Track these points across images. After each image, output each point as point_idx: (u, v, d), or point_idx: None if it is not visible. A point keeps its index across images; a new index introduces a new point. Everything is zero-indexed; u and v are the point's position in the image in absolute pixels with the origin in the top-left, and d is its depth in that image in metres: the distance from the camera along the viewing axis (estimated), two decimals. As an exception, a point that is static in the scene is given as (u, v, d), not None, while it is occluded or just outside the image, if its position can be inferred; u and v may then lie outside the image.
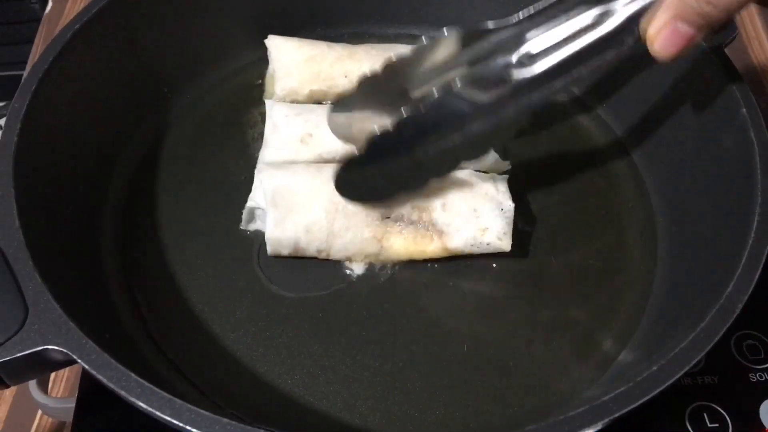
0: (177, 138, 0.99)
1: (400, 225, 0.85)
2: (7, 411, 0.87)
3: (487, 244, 0.85)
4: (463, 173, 0.88)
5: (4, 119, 0.88)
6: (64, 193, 0.81)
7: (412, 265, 0.87)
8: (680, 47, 0.66)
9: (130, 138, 0.96)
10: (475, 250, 0.86)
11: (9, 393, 0.88)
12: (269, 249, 0.85)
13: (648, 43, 0.67)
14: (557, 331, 0.82)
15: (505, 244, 0.85)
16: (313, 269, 0.86)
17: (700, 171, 0.87)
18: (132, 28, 0.94)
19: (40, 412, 0.86)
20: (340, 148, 0.92)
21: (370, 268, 0.87)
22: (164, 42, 0.99)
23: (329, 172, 0.85)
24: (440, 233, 0.85)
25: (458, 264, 0.87)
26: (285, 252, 0.85)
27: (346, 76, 1.00)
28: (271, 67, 1.04)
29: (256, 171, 0.90)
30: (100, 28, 0.89)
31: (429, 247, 0.85)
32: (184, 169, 0.96)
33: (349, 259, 0.86)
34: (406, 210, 0.85)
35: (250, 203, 0.89)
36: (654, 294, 0.85)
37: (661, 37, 0.65)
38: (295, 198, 0.84)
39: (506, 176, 0.90)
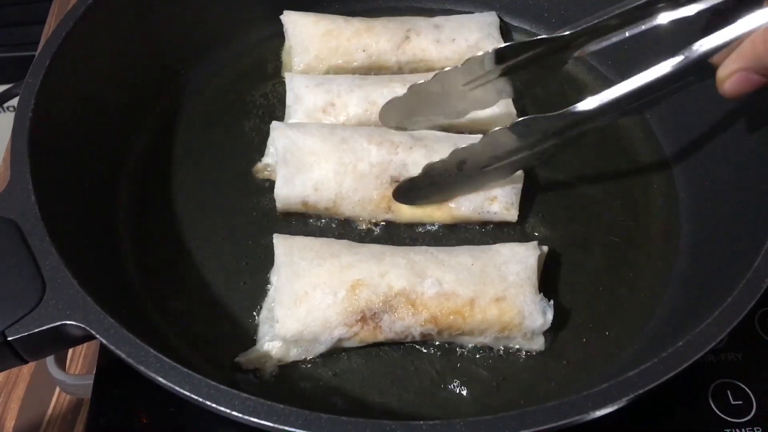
0: (191, 114, 0.99)
1: None
2: (25, 389, 0.87)
3: (494, 213, 0.85)
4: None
5: (15, 99, 0.88)
6: (79, 168, 0.81)
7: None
8: (747, 90, 0.70)
9: (146, 113, 0.96)
10: (482, 217, 0.86)
11: (27, 370, 0.88)
12: (279, 205, 0.86)
13: (717, 82, 0.71)
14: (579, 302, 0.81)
15: (512, 215, 0.86)
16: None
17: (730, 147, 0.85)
18: (145, 3, 0.93)
19: (57, 389, 0.86)
20: (362, 117, 0.91)
21: (378, 226, 0.87)
22: (178, 18, 0.98)
23: (341, 133, 0.86)
24: None
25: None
26: (294, 209, 0.86)
27: (363, 50, 0.99)
28: (287, 42, 1.03)
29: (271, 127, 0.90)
30: (113, 3, 0.88)
31: (436, 213, 0.86)
32: (198, 144, 0.96)
33: (357, 219, 0.87)
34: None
35: (265, 159, 0.90)
36: (679, 265, 0.84)
37: (732, 80, 0.69)
38: (306, 157, 0.85)
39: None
